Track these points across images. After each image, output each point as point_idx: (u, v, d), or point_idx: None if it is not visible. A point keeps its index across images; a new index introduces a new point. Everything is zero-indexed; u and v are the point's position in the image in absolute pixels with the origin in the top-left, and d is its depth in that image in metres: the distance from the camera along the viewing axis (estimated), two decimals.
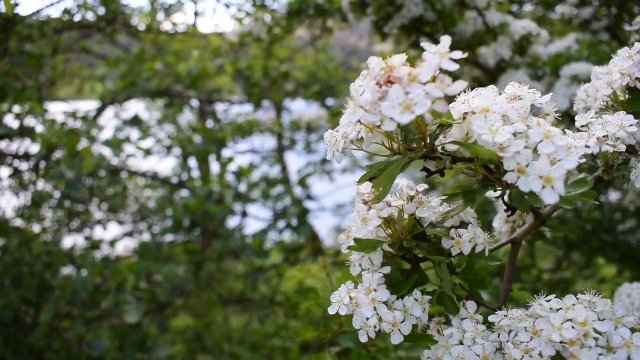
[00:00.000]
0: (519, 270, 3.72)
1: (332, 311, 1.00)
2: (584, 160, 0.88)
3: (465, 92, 0.92)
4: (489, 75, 2.92)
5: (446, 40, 0.82)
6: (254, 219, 5.29)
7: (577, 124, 1.10)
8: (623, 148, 1.03)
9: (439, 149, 0.93)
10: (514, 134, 0.84)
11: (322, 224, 6.31)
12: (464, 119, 0.90)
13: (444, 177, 1.00)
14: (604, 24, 3.35)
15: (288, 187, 5.41)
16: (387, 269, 1.02)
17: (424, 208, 1.02)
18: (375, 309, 0.97)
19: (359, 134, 0.94)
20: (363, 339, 0.97)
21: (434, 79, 0.81)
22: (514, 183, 0.82)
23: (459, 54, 0.81)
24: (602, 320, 0.93)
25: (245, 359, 4.58)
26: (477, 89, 0.95)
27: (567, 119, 2.25)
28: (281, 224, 4.68)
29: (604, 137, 1.03)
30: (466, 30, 2.90)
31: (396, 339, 0.96)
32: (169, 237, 4.68)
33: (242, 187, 4.78)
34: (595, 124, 1.05)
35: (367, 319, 0.96)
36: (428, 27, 2.89)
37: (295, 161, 6.49)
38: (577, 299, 0.96)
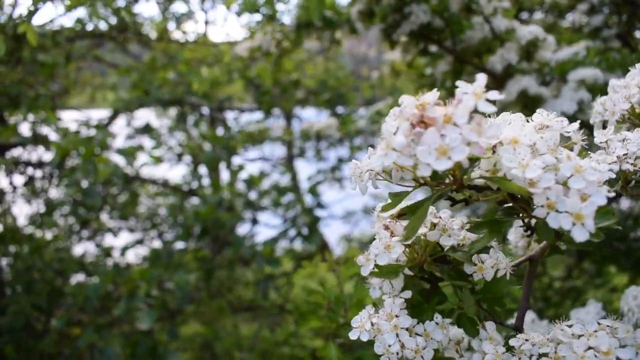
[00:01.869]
0: None
1: (353, 336, 0.99)
2: (612, 194, 0.86)
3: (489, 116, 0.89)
4: (496, 81, 2.92)
5: (482, 79, 0.80)
6: (265, 227, 5.30)
7: (596, 140, 1.07)
8: None
9: (472, 182, 0.93)
10: (543, 167, 0.82)
11: (332, 232, 6.31)
12: (494, 152, 0.88)
13: (467, 205, 1.00)
14: (614, 31, 3.34)
15: (298, 194, 5.42)
16: (408, 294, 1.02)
17: (447, 235, 1.02)
18: (397, 335, 0.97)
19: (385, 167, 0.92)
20: None
21: (469, 120, 0.79)
22: (543, 218, 0.81)
23: (495, 94, 0.79)
24: (624, 347, 0.92)
25: None
26: (502, 114, 0.94)
27: (573, 121, 2.24)
28: (291, 232, 4.68)
29: (624, 155, 1.01)
30: (473, 37, 2.90)
31: None
32: (180, 245, 4.70)
33: (253, 195, 4.80)
34: (615, 141, 1.03)
35: (389, 346, 0.96)
36: (436, 34, 2.90)
37: (306, 169, 6.50)
38: (599, 324, 0.96)
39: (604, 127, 1.15)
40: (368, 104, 6.55)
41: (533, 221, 1.10)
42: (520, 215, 0.93)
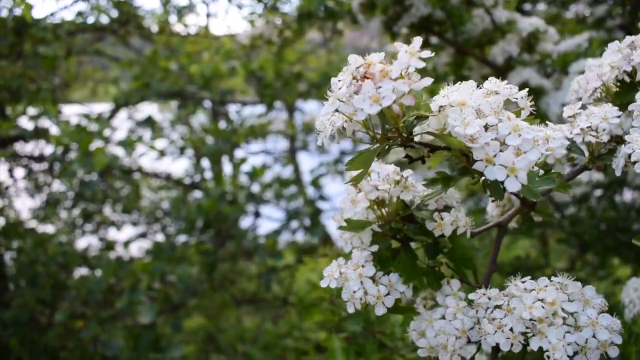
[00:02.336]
0: (533, 269, 3.69)
1: (323, 284, 1.09)
2: (564, 148, 0.96)
3: (448, 85, 1.01)
4: (497, 73, 2.90)
5: (417, 41, 0.91)
6: (267, 220, 5.30)
7: (565, 114, 1.16)
8: (605, 138, 1.08)
9: (417, 138, 1.01)
10: (486, 127, 0.90)
11: (335, 224, 6.30)
12: (439, 111, 0.97)
13: (424, 163, 1.09)
14: (618, 22, 3.32)
15: (300, 187, 5.42)
16: (375, 247, 1.11)
17: (408, 192, 1.10)
18: (361, 282, 1.05)
19: (345, 122, 1.03)
20: (350, 309, 1.05)
21: (403, 76, 0.89)
22: (482, 171, 0.89)
23: (427, 53, 0.90)
24: (572, 301, 1.00)
25: (257, 358, 4.58)
26: (459, 82, 1.02)
27: None
28: (294, 224, 4.68)
29: (587, 127, 1.09)
30: (474, 29, 2.89)
31: (379, 310, 1.05)
32: (182, 238, 4.71)
33: (255, 188, 4.79)
34: (581, 115, 1.12)
35: (354, 292, 1.05)
36: (437, 26, 2.89)
37: (308, 161, 6.49)
38: (550, 280, 1.03)
39: None
40: None
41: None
42: (474, 175, 1.00)
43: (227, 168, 5.89)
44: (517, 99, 1.03)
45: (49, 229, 4.95)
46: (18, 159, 4.68)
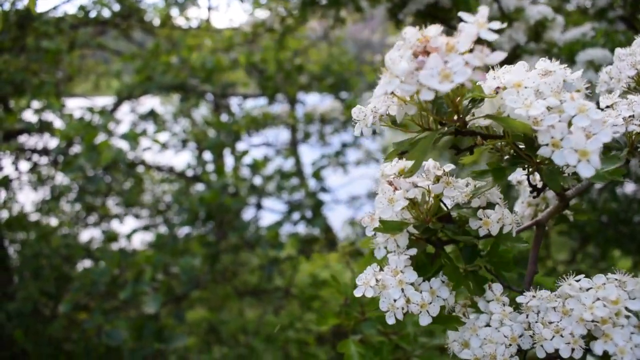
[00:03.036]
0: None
1: (357, 293, 0.99)
2: (618, 135, 0.88)
3: (493, 68, 0.92)
4: (503, 61, 2.90)
5: (484, 10, 0.82)
6: (269, 211, 5.32)
7: (602, 104, 1.07)
8: None
9: (472, 122, 0.93)
10: (547, 108, 0.83)
11: (336, 216, 6.32)
12: (496, 93, 0.90)
13: (472, 154, 1.00)
14: (619, 13, 3.31)
15: (302, 179, 5.43)
16: (413, 251, 1.01)
17: (450, 187, 1.01)
18: (402, 290, 0.96)
19: (388, 108, 0.94)
20: (390, 320, 0.96)
21: (471, 50, 0.80)
22: (549, 157, 0.82)
23: (497, 24, 0.81)
24: (633, 299, 0.92)
25: (260, 350, 4.61)
26: (505, 66, 0.95)
27: None
28: (295, 215, 4.69)
29: (629, 116, 1.00)
30: None
31: (424, 321, 0.95)
32: (185, 230, 4.73)
33: (257, 180, 4.81)
34: (621, 104, 1.03)
35: (395, 301, 0.95)
36: (443, 13, 2.88)
37: (309, 153, 6.51)
38: (607, 278, 0.95)
39: None
40: (372, 88, 6.53)
41: (537, 179, 1.12)
42: (525, 165, 0.94)
43: (229, 161, 5.90)
44: (572, 80, 0.96)
45: (52, 221, 4.97)
46: (22, 152, 4.70)
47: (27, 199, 4.94)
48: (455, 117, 0.90)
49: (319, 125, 5.94)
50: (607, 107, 1.06)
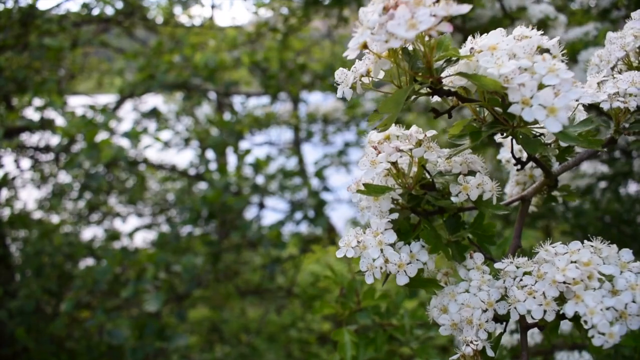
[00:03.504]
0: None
1: (339, 254, 1.01)
2: (602, 104, 0.89)
3: (474, 36, 0.95)
4: None
5: None
6: (271, 211, 5.31)
7: (589, 83, 1.09)
8: (634, 104, 1.02)
9: (447, 81, 0.95)
10: (520, 69, 0.85)
11: (339, 216, 6.32)
12: (471, 54, 0.92)
13: (450, 117, 1.02)
14: (623, 13, 3.30)
15: (305, 178, 5.42)
16: (395, 215, 1.03)
17: (432, 152, 1.03)
18: (381, 250, 0.98)
19: (369, 72, 0.97)
20: (369, 280, 0.98)
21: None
22: (518, 114, 0.83)
23: None
24: (607, 265, 0.93)
25: (262, 349, 4.61)
26: (486, 33, 0.97)
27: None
28: (298, 215, 4.69)
29: (614, 93, 1.02)
30: (484, 15, 2.87)
31: (401, 280, 0.97)
32: (187, 228, 4.72)
33: (259, 179, 4.80)
34: (607, 82, 1.05)
35: (374, 260, 0.97)
36: None
37: (312, 153, 6.50)
38: (583, 244, 0.96)
39: None
40: (375, 87, 6.51)
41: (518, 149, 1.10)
42: (502, 128, 0.95)
43: (231, 159, 5.90)
44: (548, 46, 0.99)
45: (54, 219, 4.98)
46: (24, 150, 4.70)
47: (30, 196, 4.95)
48: (429, 73, 0.92)
49: (321, 124, 5.93)
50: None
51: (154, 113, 4.99)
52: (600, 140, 0.94)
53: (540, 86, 0.83)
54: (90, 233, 5.16)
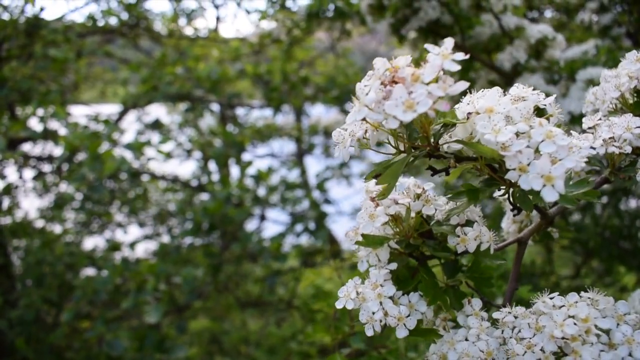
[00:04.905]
0: (537, 276, 3.69)
1: (339, 305, 1.02)
2: (585, 160, 0.89)
3: (470, 92, 0.95)
4: (505, 79, 2.91)
5: (449, 42, 0.85)
6: (272, 222, 5.32)
7: (584, 126, 1.11)
8: (629, 149, 1.04)
9: (444, 147, 0.96)
10: (517, 134, 0.85)
11: (340, 228, 6.32)
12: (468, 118, 0.92)
13: (448, 175, 1.02)
14: (624, 30, 3.32)
15: (306, 190, 5.43)
16: (393, 265, 1.04)
17: (429, 206, 1.04)
18: (381, 303, 0.99)
19: (366, 132, 0.97)
20: (369, 332, 0.98)
21: (436, 79, 0.83)
22: (516, 181, 0.84)
23: (461, 55, 0.83)
24: (604, 318, 0.94)
25: None
26: (482, 90, 0.97)
27: (579, 122, 2.23)
28: (299, 227, 4.69)
29: (609, 138, 1.04)
30: (483, 34, 2.90)
31: (401, 333, 0.98)
32: (188, 240, 4.73)
33: (261, 191, 4.81)
34: (602, 126, 1.07)
35: (373, 313, 0.98)
36: (444, 30, 2.90)
37: (314, 165, 6.51)
38: (580, 296, 0.97)
39: None
40: None
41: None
42: (500, 186, 0.96)
43: (234, 171, 5.91)
44: (545, 105, 0.99)
45: (56, 229, 4.99)
46: (27, 160, 4.71)
47: (31, 205, 4.96)
48: (426, 142, 0.94)
49: (323, 137, 5.95)
50: (589, 128, 1.09)
51: (156, 124, 5.01)
52: (596, 192, 0.95)
53: (537, 151, 0.84)
54: (92, 243, 5.17)
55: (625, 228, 3.75)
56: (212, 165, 5.72)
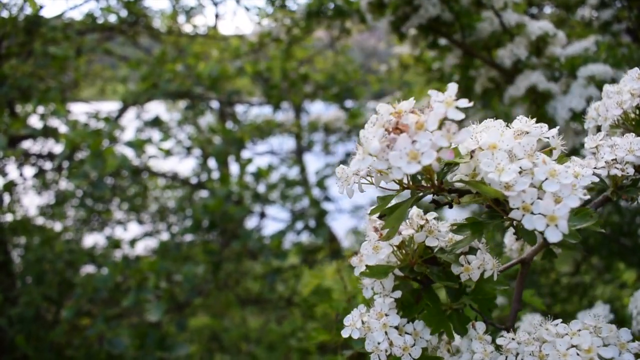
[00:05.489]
0: (537, 273, 3.69)
1: (344, 334, 1.03)
2: (587, 197, 0.89)
3: (473, 122, 0.97)
4: (505, 76, 2.91)
5: (452, 88, 0.85)
6: (272, 220, 5.32)
7: (586, 146, 1.10)
8: (631, 171, 1.04)
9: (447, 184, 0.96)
10: (520, 171, 0.86)
11: (340, 225, 6.32)
12: (471, 157, 0.93)
13: (452, 208, 1.03)
14: (624, 26, 3.31)
15: (306, 188, 5.43)
16: (398, 294, 1.05)
17: (433, 237, 1.05)
18: (386, 333, 1.00)
19: (370, 171, 0.97)
20: None
21: (440, 126, 0.83)
22: (519, 220, 0.84)
23: (464, 102, 0.84)
24: (607, 346, 0.95)
25: (262, 358, 4.60)
26: (485, 121, 0.98)
27: (580, 119, 2.22)
28: (299, 225, 4.69)
29: (612, 160, 1.04)
30: (483, 31, 2.89)
31: None
32: (188, 237, 4.73)
33: (261, 188, 4.81)
34: (604, 146, 1.07)
35: (379, 343, 0.99)
36: (445, 27, 2.90)
37: (314, 162, 6.51)
38: (583, 324, 0.98)
39: (598, 131, 1.17)
40: (377, 98, 6.56)
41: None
42: (503, 218, 0.96)
43: (233, 168, 5.91)
44: (548, 138, 0.99)
45: (56, 226, 4.98)
46: (27, 157, 4.71)
47: (31, 203, 4.96)
48: (431, 183, 0.95)
49: (323, 134, 5.95)
50: (591, 148, 1.09)
51: (156, 122, 5.01)
52: (599, 222, 0.94)
53: (540, 187, 0.85)
54: (92, 240, 5.17)
55: (626, 225, 3.75)
56: (212, 163, 5.72)
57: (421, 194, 0.95)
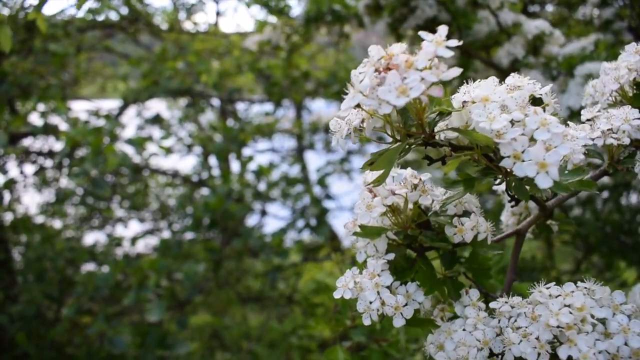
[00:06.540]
0: (537, 271, 3.69)
1: (337, 295, 1.03)
2: (584, 152, 0.90)
3: (467, 83, 0.97)
4: (503, 75, 2.90)
5: (443, 30, 0.86)
6: (273, 218, 5.31)
7: (583, 117, 1.11)
8: (627, 141, 1.03)
9: (440, 135, 0.96)
10: (512, 122, 0.86)
11: (341, 224, 6.31)
12: (463, 107, 0.93)
13: (445, 164, 1.03)
14: (626, 25, 3.30)
15: (307, 186, 5.43)
16: (391, 255, 1.04)
17: (426, 195, 1.04)
18: (378, 292, 0.99)
19: (362, 121, 0.98)
20: (366, 321, 0.99)
21: (430, 66, 0.84)
22: (510, 168, 0.85)
23: (454, 42, 0.85)
24: (601, 307, 0.95)
25: (263, 356, 4.60)
26: (479, 80, 0.98)
27: (578, 117, 2.22)
28: (300, 223, 4.69)
29: (608, 130, 1.04)
30: (480, 31, 2.89)
31: (398, 322, 0.98)
32: (189, 235, 4.72)
33: (262, 186, 4.81)
34: (601, 117, 1.07)
35: (370, 303, 0.98)
36: None
37: (315, 160, 6.50)
38: (577, 286, 0.97)
39: None
40: None
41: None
42: (496, 175, 0.96)
43: (234, 166, 5.91)
44: (541, 94, 0.99)
45: (57, 224, 4.98)
46: (28, 155, 4.71)
47: (32, 201, 4.95)
48: (421, 130, 0.94)
49: (324, 133, 5.95)
50: (588, 120, 1.10)
51: (157, 119, 5.00)
52: (592, 182, 0.96)
53: (531, 139, 0.85)
54: (92, 238, 5.16)
55: (626, 223, 3.75)
56: (213, 161, 5.72)
57: (412, 140, 0.95)
